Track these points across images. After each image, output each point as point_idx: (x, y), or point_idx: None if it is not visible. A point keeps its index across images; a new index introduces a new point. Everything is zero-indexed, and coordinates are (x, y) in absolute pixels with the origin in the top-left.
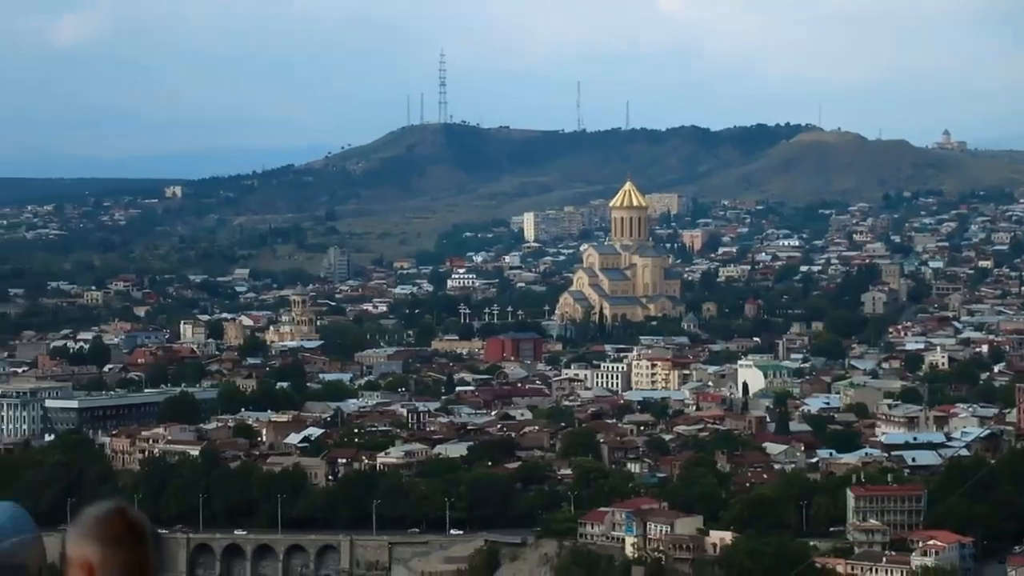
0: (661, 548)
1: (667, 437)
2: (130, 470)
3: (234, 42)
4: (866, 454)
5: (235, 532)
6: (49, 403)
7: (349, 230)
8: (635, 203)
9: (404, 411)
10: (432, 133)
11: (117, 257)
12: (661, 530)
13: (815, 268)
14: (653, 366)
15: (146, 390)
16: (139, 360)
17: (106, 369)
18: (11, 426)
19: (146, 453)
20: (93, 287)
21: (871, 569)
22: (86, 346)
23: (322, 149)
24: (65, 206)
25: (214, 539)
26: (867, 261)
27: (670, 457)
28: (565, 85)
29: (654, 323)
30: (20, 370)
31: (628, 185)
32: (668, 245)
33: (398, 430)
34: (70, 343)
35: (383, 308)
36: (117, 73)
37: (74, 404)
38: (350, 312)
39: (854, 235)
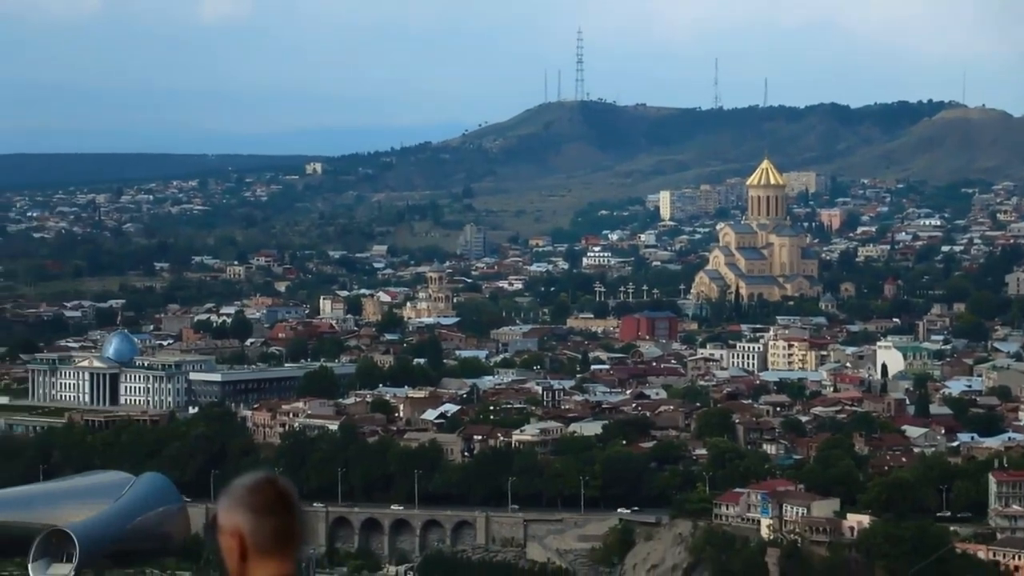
0: (797, 530)
1: (804, 418)
2: (271, 443)
3: (374, 20)
4: (1009, 438)
5: (373, 506)
6: (193, 376)
7: (485, 207)
8: (772, 181)
9: (539, 389)
10: (569, 110)
11: (259, 232)
12: (797, 512)
13: (957, 248)
14: (790, 346)
15: (286, 364)
16: (279, 335)
17: (248, 343)
18: (157, 398)
19: (286, 427)
20: (235, 262)
21: (1015, 556)
22: (228, 320)
23: (459, 127)
24: (209, 182)
25: (352, 513)
26: (1011, 241)
27: (806, 439)
28: (703, 62)
29: (791, 303)
30: (165, 343)
31: (765, 163)
32: (806, 224)
33: (533, 408)
34: (213, 317)
35: (518, 286)
36: (260, 50)
37: (217, 377)
38: (486, 289)
39: (998, 214)
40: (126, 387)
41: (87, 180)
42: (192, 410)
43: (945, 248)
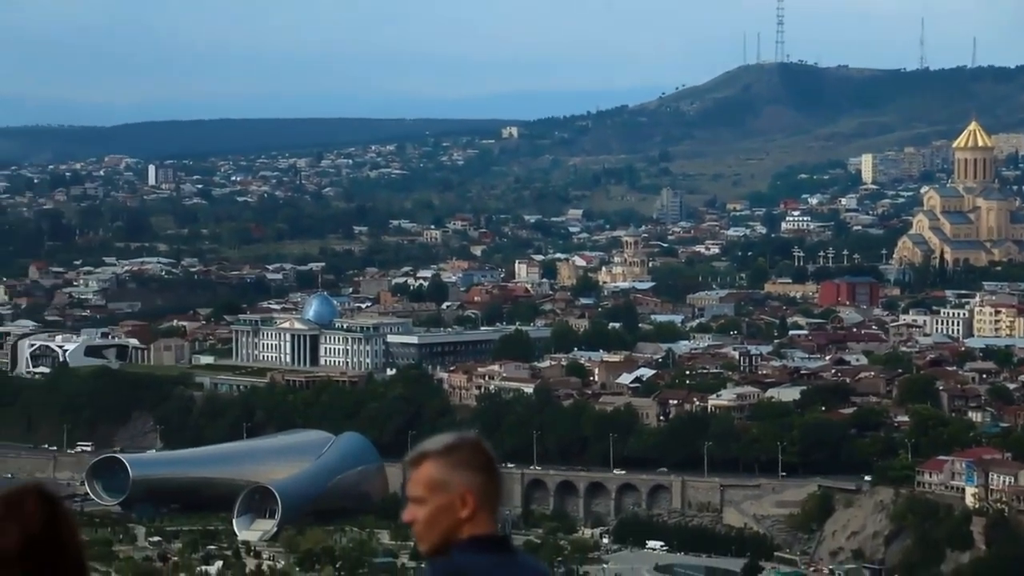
0: (1004, 499)
1: (1011, 386)
2: (466, 405)
3: None
4: None
5: (568, 469)
6: (391, 338)
7: (682, 171)
8: (980, 144)
9: (736, 354)
10: (768, 73)
11: (455, 197)
12: (1004, 481)
13: None
14: (997, 313)
15: (482, 327)
16: (475, 298)
17: (444, 306)
18: (356, 359)
19: (482, 389)
20: (432, 226)
21: None
22: (425, 283)
23: (656, 90)
24: (407, 146)
25: (548, 475)
26: None
27: (1014, 407)
28: (907, 21)
29: (998, 268)
30: (364, 306)
31: (973, 125)
32: (1015, 188)
33: (729, 372)
34: (410, 280)
35: (715, 250)
36: (456, 15)
37: (414, 340)
38: (682, 254)
39: None
40: (326, 348)
41: (289, 145)
42: (390, 372)
43: None
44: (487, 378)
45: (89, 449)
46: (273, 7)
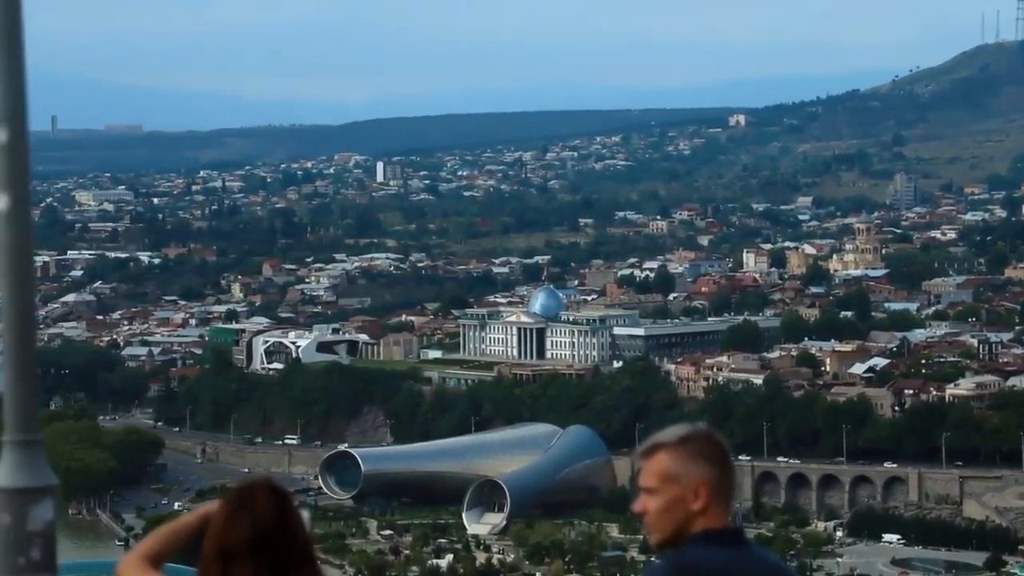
0: None
1: None
2: (694, 397)
3: None
4: None
5: (800, 461)
6: (617, 330)
7: (916, 155)
8: None
9: (974, 341)
10: (1008, 52)
11: (681, 186)
12: None
13: None
14: None
15: (709, 318)
16: (702, 289)
17: (670, 297)
18: (582, 352)
19: (710, 381)
20: (658, 216)
21: None
22: (651, 275)
23: (888, 73)
24: (632, 137)
25: (779, 467)
26: None
27: None
28: None
29: None
30: (590, 298)
31: None
32: None
33: (968, 361)
34: (636, 272)
35: (952, 235)
36: (678, 1)
37: (640, 331)
38: (917, 240)
39: None
40: (552, 341)
41: (514, 138)
42: (616, 364)
43: None
44: (715, 369)
45: (318, 445)
46: (499, 1)
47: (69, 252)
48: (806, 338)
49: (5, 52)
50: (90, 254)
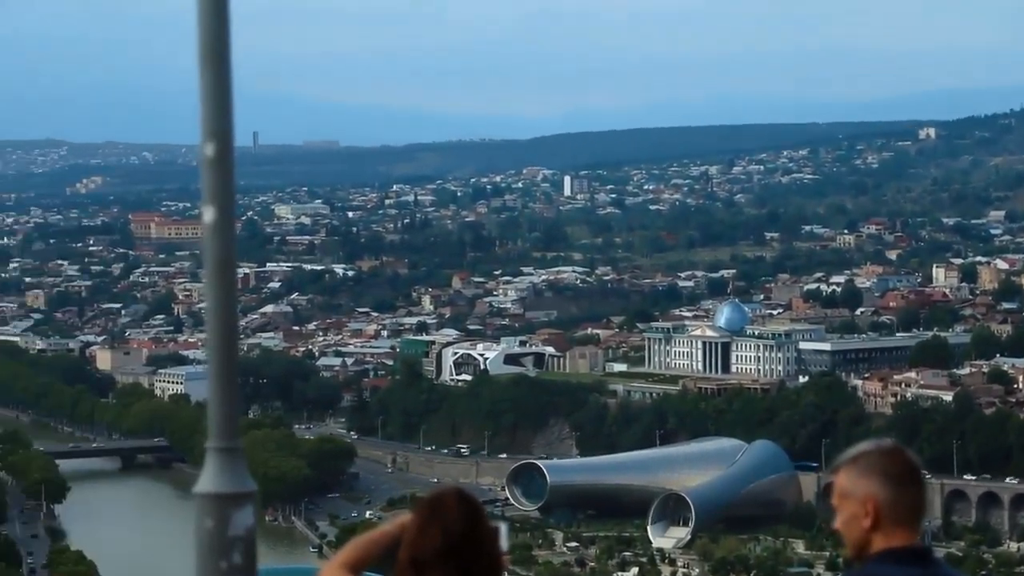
0: None
1: None
2: (882, 413)
3: None
4: None
5: (991, 480)
6: (803, 345)
7: None
8: None
9: None
10: None
11: (869, 200)
12: None
13: None
14: None
15: (897, 334)
16: (890, 304)
17: (858, 312)
18: (767, 366)
19: (898, 397)
20: (845, 231)
21: None
22: (838, 289)
23: None
24: (819, 150)
25: (969, 485)
26: None
27: None
28: None
29: None
30: (775, 312)
31: None
32: None
33: None
34: (823, 286)
35: None
36: (864, 14)
37: (827, 347)
38: None
39: None
40: (737, 356)
41: (700, 152)
42: (802, 379)
43: None
44: (903, 385)
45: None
46: (685, 15)
47: (268, 264)
48: (998, 355)
49: (213, 70)
50: (287, 266)
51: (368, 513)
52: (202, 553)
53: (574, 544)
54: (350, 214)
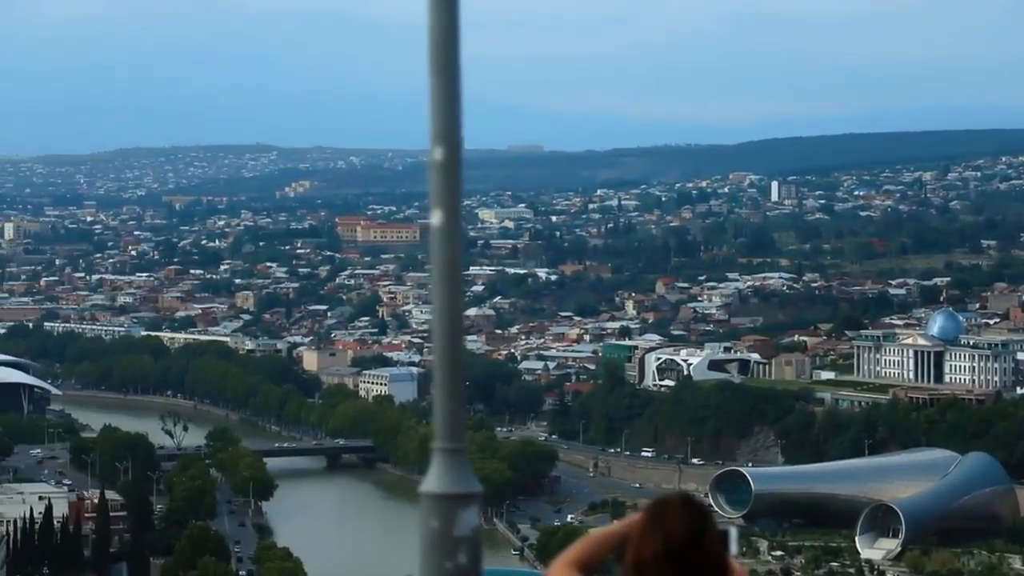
0: None
1: None
2: None
3: None
4: None
5: None
6: (1021, 355)
7: None
8: None
9: None
10: None
11: None
12: None
13: None
14: None
15: None
16: None
17: None
18: (982, 377)
19: None
20: None
21: None
22: None
23: None
24: None
25: None
26: None
27: None
28: None
29: None
30: (991, 322)
31: None
32: None
33: None
34: None
35: None
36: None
37: None
38: None
39: None
40: (951, 365)
41: (914, 158)
42: (1019, 390)
43: None
44: None
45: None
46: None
47: (471, 268)
48: None
49: (443, 75)
50: (491, 270)
51: (569, 517)
52: (428, 553)
53: (779, 553)
54: (554, 218)
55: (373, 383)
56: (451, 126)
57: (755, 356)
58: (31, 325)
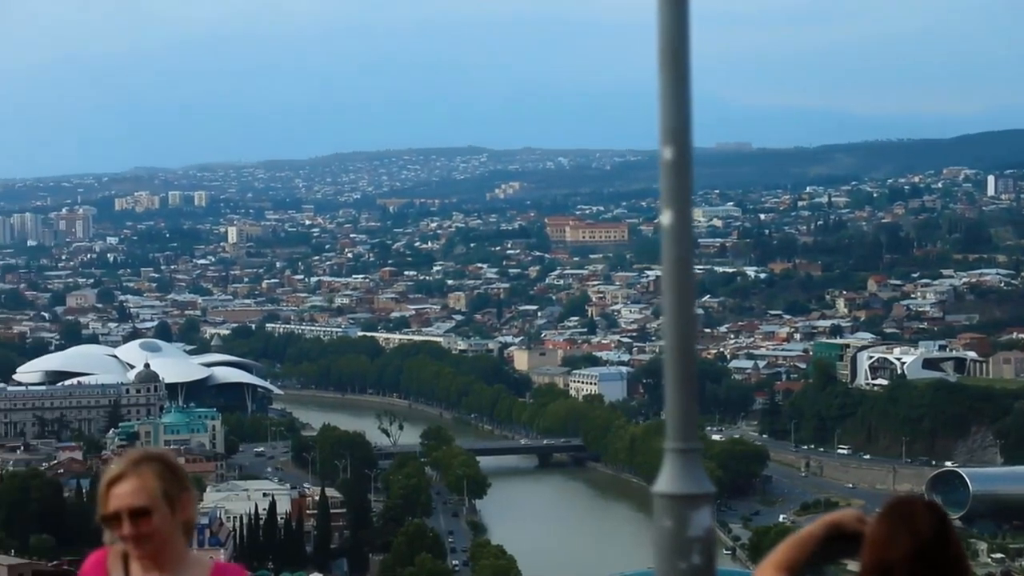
0: None
1: None
2: None
3: None
4: None
5: None
6: None
7: None
8: None
9: None
10: None
11: None
12: None
13: None
14: None
15: None
16: None
17: None
18: None
19: None
20: None
21: None
22: None
23: None
24: None
25: None
26: None
27: None
28: None
29: None
30: None
31: None
32: None
33: None
34: None
35: None
36: None
37: None
38: None
39: None
40: None
41: None
42: None
43: None
44: None
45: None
46: None
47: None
48: None
49: (672, 73)
50: (699, 268)
51: (781, 517)
52: (661, 553)
53: (999, 555)
54: (762, 216)
55: (583, 382)
56: (681, 125)
57: (971, 354)
58: (253, 326)
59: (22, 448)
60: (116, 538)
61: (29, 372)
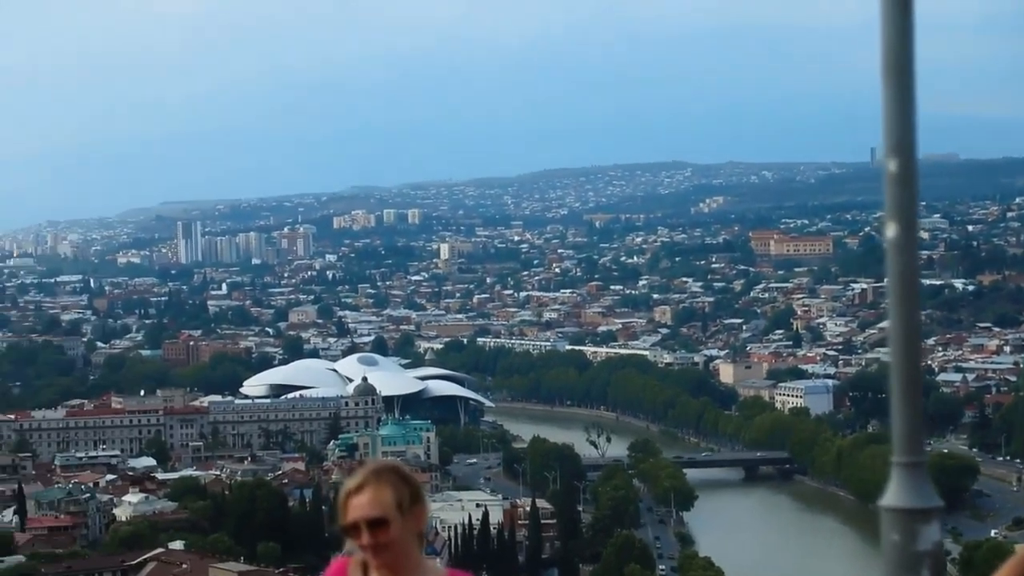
0: None
1: None
2: None
3: None
4: None
5: None
6: None
7: None
8: None
9: None
10: None
11: None
12: None
13: None
14: None
15: None
16: None
17: None
18: None
19: None
20: None
21: None
22: None
23: None
24: None
25: None
26: None
27: None
28: None
29: None
30: None
31: None
32: None
33: None
34: None
35: None
36: None
37: None
38: None
39: None
40: None
41: None
42: None
43: None
44: None
45: None
46: None
47: (886, 279)
48: None
49: (897, 85)
50: None
51: (993, 532)
52: (890, 568)
53: None
54: (970, 228)
55: (788, 395)
56: (906, 137)
57: None
58: (465, 340)
59: (249, 459)
60: (355, 547)
61: (255, 385)
